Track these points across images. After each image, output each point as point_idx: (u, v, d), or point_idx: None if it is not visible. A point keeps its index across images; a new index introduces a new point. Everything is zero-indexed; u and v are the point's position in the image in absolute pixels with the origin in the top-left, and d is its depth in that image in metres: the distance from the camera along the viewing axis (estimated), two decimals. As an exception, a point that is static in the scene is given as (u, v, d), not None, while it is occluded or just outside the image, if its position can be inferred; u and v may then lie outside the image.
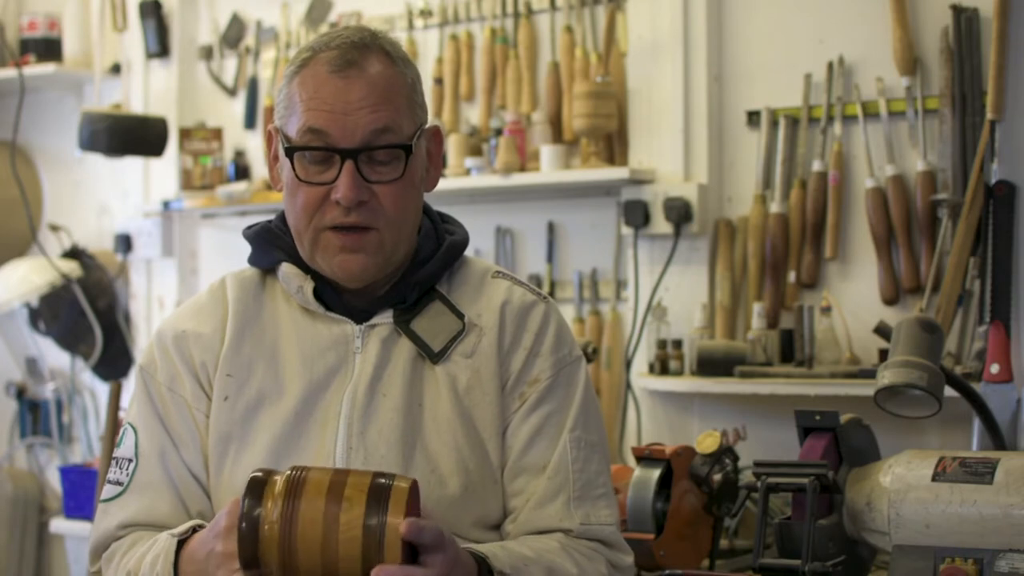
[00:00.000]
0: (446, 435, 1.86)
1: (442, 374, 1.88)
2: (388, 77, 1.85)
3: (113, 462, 1.93)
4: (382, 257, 1.87)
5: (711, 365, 3.24)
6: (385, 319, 1.91)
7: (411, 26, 3.98)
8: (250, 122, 4.33)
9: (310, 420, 1.87)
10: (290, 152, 1.84)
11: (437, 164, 1.96)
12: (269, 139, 1.94)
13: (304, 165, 1.84)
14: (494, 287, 1.95)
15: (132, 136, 4.15)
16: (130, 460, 1.90)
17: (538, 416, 1.89)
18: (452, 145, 3.71)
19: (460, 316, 1.91)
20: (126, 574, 1.83)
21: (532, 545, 1.82)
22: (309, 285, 1.91)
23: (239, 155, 4.31)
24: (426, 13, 3.91)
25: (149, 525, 1.88)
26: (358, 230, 1.84)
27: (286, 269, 1.93)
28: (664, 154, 3.45)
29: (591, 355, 2.95)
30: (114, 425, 3.75)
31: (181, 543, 1.78)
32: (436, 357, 1.89)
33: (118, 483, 1.91)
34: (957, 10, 3.06)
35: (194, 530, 1.78)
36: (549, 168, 3.55)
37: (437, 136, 1.96)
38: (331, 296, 1.92)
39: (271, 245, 1.96)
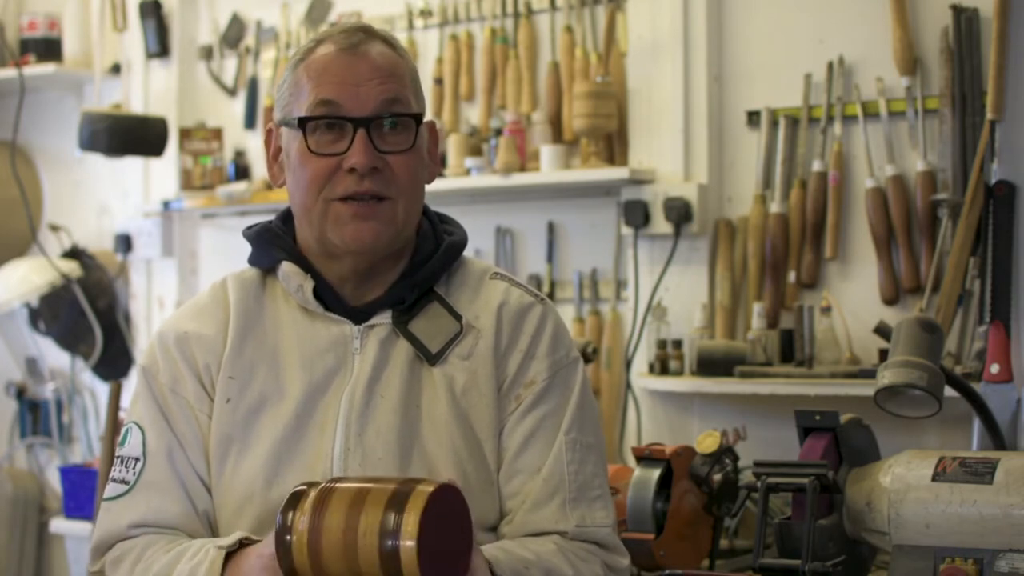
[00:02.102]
0: (443, 437, 1.86)
1: (439, 376, 1.88)
2: (392, 58, 1.89)
3: (117, 460, 1.93)
4: (394, 228, 1.87)
5: (711, 365, 3.24)
6: (384, 320, 1.91)
7: (411, 26, 3.98)
8: (250, 122, 4.32)
9: (310, 422, 1.87)
10: (302, 123, 1.85)
11: (435, 159, 1.98)
12: (268, 138, 1.95)
13: (316, 137, 1.86)
14: (492, 288, 1.95)
15: (132, 136, 4.15)
16: (137, 459, 1.90)
17: (533, 418, 1.89)
18: (452, 145, 3.71)
19: (458, 318, 1.91)
20: None
21: (531, 547, 1.82)
22: (309, 284, 1.91)
23: (239, 155, 4.31)
24: (426, 13, 3.91)
25: (160, 526, 1.88)
26: (371, 199, 1.85)
27: (286, 268, 1.93)
28: (664, 154, 3.45)
29: (591, 355, 2.95)
30: (114, 425, 3.74)
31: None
32: (433, 359, 1.89)
33: (123, 482, 1.90)
34: (957, 10, 3.06)
35: (240, 543, 1.77)
36: (549, 168, 3.54)
37: (433, 132, 1.98)
38: (330, 296, 1.92)
39: (271, 245, 1.96)
